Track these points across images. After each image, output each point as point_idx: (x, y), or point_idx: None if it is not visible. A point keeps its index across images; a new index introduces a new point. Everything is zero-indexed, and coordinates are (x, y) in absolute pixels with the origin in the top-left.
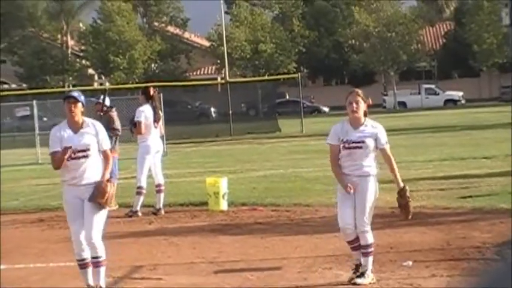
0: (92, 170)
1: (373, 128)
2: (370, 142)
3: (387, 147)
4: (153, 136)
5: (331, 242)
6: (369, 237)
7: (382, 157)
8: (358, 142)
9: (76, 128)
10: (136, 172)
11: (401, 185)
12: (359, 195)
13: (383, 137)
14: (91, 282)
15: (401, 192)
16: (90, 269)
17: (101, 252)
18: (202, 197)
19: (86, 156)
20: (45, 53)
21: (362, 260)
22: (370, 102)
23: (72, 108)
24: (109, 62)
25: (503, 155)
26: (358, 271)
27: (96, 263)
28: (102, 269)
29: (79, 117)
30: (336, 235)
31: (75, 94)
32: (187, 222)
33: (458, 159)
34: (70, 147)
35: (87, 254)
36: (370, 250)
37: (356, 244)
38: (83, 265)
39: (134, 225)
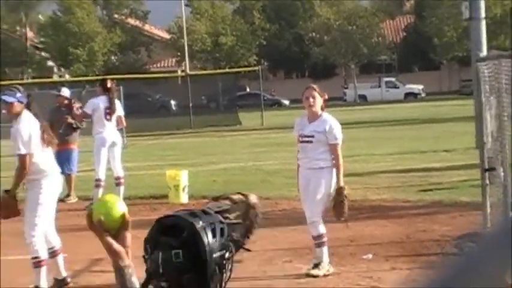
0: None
1: (326, 123)
2: (320, 137)
3: (337, 143)
4: (108, 128)
5: (291, 235)
6: (320, 228)
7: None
8: (309, 136)
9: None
10: (94, 165)
11: (341, 184)
12: (311, 188)
13: (334, 133)
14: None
15: (339, 191)
16: (59, 261)
17: (38, 252)
18: (163, 190)
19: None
20: (4, 45)
21: (316, 251)
22: (326, 97)
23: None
24: (68, 54)
25: (463, 148)
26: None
27: (34, 263)
28: (42, 270)
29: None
30: (295, 228)
31: (5, 97)
32: (147, 215)
33: (418, 153)
34: None
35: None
36: (322, 241)
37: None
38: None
39: None
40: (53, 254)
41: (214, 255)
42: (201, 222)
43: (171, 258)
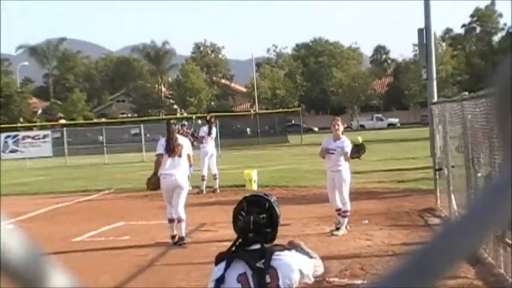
0: None
1: (344, 142)
2: (339, 150)
3: (348, 152)
4: (209, 144)
5: (320, 209)
6: (348, 206)
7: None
8: (333, 149)
9: None
10: (200, 166)
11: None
12: (337, 182)
13: (347, 147)
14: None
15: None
16: (182, 226)
17: (167, 213)
18: (242, 181)
19: None
20: (148, 96)
21: (340, 220)
22: (345, 125)
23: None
24: (186, 101)
25: (423, 156)
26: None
27: (179, 220)
28: (171, 225)
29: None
30: (323, 205)
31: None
32: (233, 197)
33: (395, 159)
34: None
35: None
36: (347, 214)
37: (339, 211)
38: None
39: (201, 199)
40: (179, 220)
41: (279, 219)
42: (272, 199)
43: (259, 219)
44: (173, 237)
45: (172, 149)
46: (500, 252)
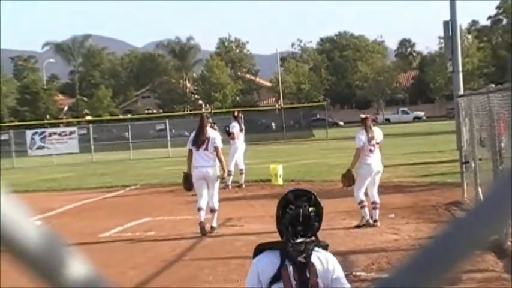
0: None
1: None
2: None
3: (356, 148)
4: (240, 140)
5: (346, 203)
6: (357, 198)
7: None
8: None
9: None
10: (228, 161)
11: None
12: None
13: (355, 140)
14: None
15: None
16: (215, 216)
17: (197, 202)
18: (267, 176)
19: None
20: (173, 91)
21: (371, 212)
22: (368, 116)
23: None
24: (211, 96)
25: (450, 150)
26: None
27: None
28: (200, 212)
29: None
30: (349, 199)
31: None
32: (258, 192)
33: (422, 152)
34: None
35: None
36: (361, 205)
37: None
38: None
39: (227, 194)
40: (212, 210)
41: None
42: (315, 193)
43: (308, 212)
44: (201, 223)
45: (199, 142)
46: None
